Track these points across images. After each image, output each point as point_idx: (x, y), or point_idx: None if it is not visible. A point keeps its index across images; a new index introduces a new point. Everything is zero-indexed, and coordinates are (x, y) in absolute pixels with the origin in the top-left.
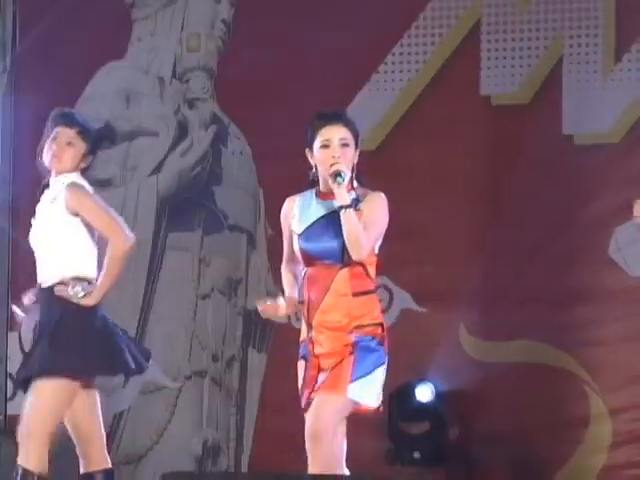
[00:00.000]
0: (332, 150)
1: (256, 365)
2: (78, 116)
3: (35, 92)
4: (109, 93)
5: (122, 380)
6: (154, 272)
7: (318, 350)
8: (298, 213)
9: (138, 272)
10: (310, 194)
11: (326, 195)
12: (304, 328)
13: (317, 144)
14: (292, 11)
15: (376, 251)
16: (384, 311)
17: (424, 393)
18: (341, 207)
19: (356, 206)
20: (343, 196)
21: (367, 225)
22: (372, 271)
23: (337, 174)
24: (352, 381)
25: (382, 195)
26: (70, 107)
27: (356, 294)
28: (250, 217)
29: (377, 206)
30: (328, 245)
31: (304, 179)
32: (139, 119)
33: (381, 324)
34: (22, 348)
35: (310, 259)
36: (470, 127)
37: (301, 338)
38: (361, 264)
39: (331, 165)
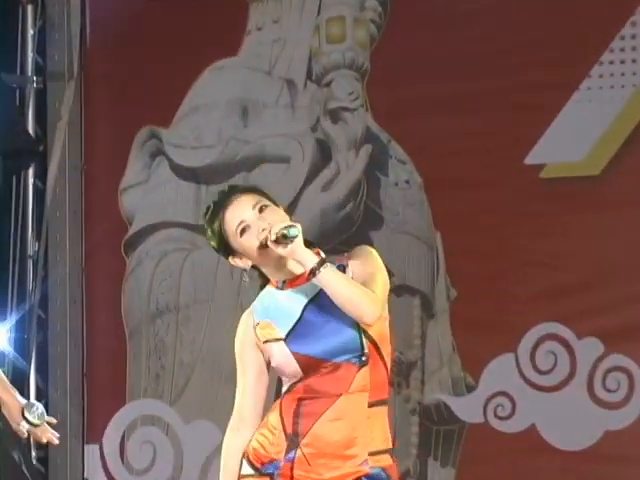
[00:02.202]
0: (254, 226)
1: None
2: None
3: (112, 104)
4: (218, 104)
5: None
6: None
7: (305, 478)
8: (266, 318)
9: None
10: (268, 293)
11: (293, 281)
12: (273, 445)
13: (232, 236)
14: None
15: (388, 335)
16: (621, 404)
17: None
18: (312, 270)
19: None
20: (307, 254)
21: (366, 279)
22: (389, 367)
23: (283, 233)
24: None
25: (366, 247)
26: (163, 124)
27: (373, 404)
28: (425, 273)
29: (367, 259)
30: (333, 336)
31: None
32: (261, 139)
33: (391, 451)
34: None
35: (314, 365)
36: None
37: (262, 451)
38: (382, 355)
39: (266, 238)
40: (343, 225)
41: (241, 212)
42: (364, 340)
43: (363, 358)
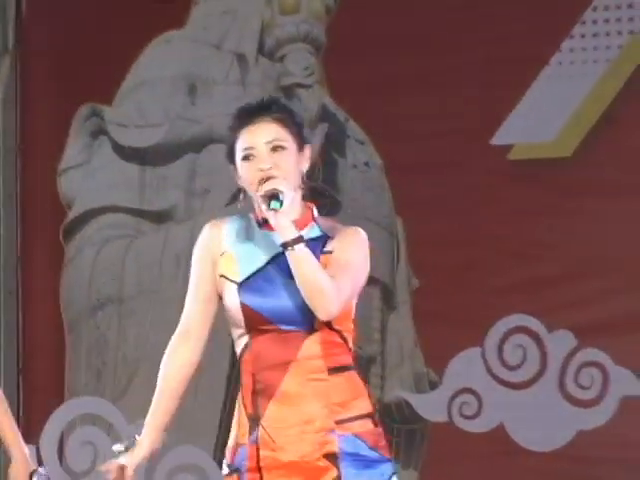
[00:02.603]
0: (258, 160)
1: None
2: None
3: (51, 80)
4: (164, 80)
5: None
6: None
7: (271, 458)
8: (231, 249)
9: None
10: (247, 221)
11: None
12: (239, 427)
13: (238, 156)
14: None
15: (353, 311)
16: (595, 401)
17: None
18: (285, 244)
19: (323, 246)
20: (285, 228)
21: (338, 269)
22: (350, 341)
23: (271, 196)
24: None
25: (361, 231)
26: (106, 101)
27: (332, 370)
28: (385, 262)
29: (353, 244)
30: (287, 301)
31: (465, 200)
32: (210, 118)
33: (372, 415)
34: None
35: (258, 322)
36: None
37: (231, 442)
38: (335, 329)
39: (259, 182)
40: None
41: (255, 139)
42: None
43: (309, 330)
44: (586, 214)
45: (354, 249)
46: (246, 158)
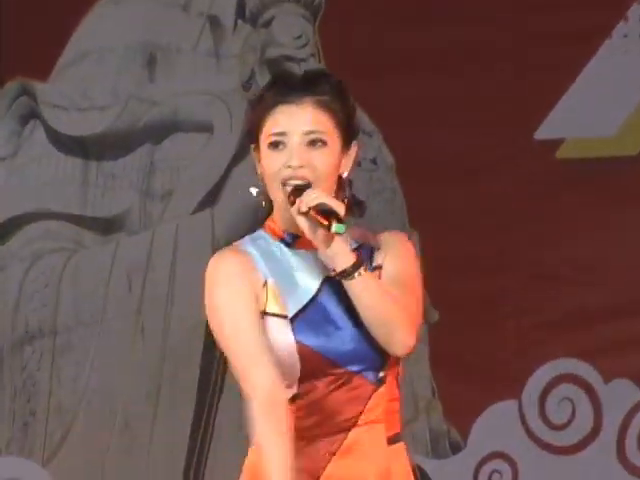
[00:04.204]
0: (289, 153)
1: None
2: None
3: None
4: (114, 50)
5: None
6: (210, 397)
7: None
8: (270, 278)
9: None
10: (264, 240)
11: (309, 242)
12: None
13: (263, 140)
14: None
15: None
16: None
17: None
18: (343, 274)
19: (370, 262)
20: (341, 254)
21: (400, 288)
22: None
23: (323, 212)
24: None
25: (404, 235)
26: (39, 77)
27: (392, 440)
28: None
29: (405, 253)
30: (353, 337)
31: (498, 212)
32: (174, 98)
33: None
34: None
35: (316, 363)
36: None
37: None
38: (396, 373)
39: (283, 182)
40: None
41: (291, 124)
42: (383, 353)
43: (381, 374)
44: None
45: (408, 261)
46: (274, 145)
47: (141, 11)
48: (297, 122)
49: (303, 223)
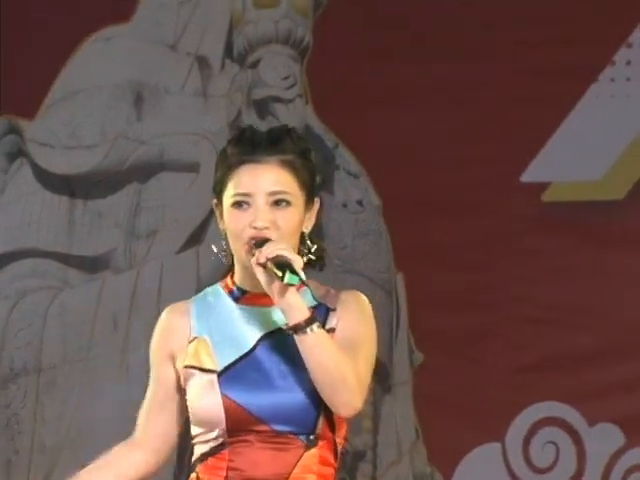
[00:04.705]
0: (253, 213)
1: None
2: None
3: None
4: (102, 89)
5: None
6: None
7: None
8: (204, 333)
9: None
10: (215, 294)
11: (255, 298)
12: None
13: (227, 198)
14: None
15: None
16: None
17: None
18: (295, 328)
19: (324, 322)
20: (295, 308)
21: (351, 351)
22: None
23: (279, 265)
24: None
25: (362, 296)
26: (26, 114)
27: None
28: (380, 330)
29: (360, 317)
30: (285, 395)
31: (485, 252)
32: (161, 138)
33: None
34: None
35: (242, 419)
36: None
37: None
38: (333, 440)
39: (248, 242)
40: None
41: (255, 185)
42: (321, 416)
43: (311, 437)
44: (639, 273)
45: (363, 324)
46: (238, 204)
47: (130, 50)
48: (262, 183)
49: (261, 274)
